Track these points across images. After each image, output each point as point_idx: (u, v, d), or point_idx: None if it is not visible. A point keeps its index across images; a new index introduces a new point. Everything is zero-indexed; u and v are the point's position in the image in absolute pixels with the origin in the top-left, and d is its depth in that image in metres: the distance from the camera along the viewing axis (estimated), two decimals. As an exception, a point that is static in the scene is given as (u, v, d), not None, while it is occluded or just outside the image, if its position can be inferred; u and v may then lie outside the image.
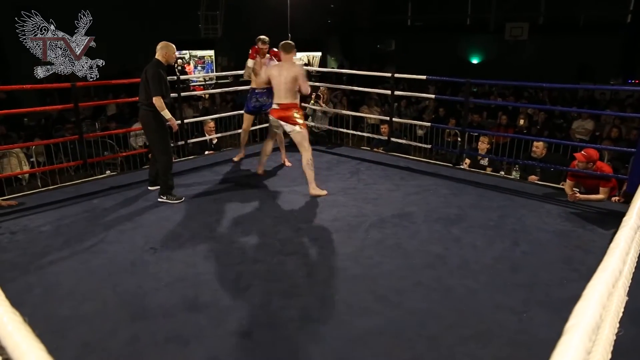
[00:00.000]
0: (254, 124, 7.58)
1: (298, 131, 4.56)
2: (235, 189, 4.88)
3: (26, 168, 6.72)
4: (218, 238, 3.73)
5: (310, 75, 10.29)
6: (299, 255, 3.45)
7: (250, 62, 5.40)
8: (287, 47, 4.63)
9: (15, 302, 0.99)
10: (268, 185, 4.99)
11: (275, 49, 5.27)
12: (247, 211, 4.28)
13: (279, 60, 4.99)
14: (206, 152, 6.53)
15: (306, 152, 4.58)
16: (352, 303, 2.85)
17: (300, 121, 4.59)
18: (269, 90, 5.18)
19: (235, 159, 5.87)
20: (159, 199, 4.47)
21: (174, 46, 4.46)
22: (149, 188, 4.82)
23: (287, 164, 5.74)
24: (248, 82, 5.68)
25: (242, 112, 7.38)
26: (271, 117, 4.73)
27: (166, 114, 4.31)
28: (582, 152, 4.48)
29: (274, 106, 4.64)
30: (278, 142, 5.66)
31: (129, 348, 2.44)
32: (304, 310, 2.77)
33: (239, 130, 7.12)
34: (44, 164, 6.87)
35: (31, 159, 6.98)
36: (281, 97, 4.57)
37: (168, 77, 4.46)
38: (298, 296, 2.92)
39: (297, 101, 4.72)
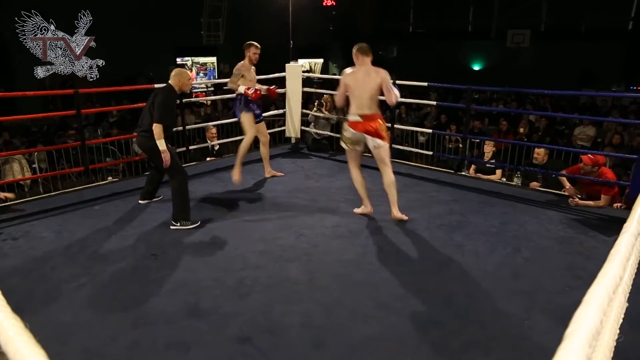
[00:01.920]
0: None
1: (384, 146, 4.00)
2: (236, 196, 4.88)
3: (28, 174, 6.74)
4: (219, 244, 3.73)
5: (312, 82, 10.34)
6: (300, 262, 3.44)
7: (242, 89, 4.96)
8: (366, 50, 3.99)
9: (17, 308, 0.99)
10: (270, 192, 4.99)
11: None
12: (249, 217, 4.28)
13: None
14: (208, 159, 6.54)
15: (390, 170, 4.06)
16: (353, 309, 2.84)
17: (386, 134, 4.00)
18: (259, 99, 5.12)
19: (236, 177, 5.10)
20: (173, 227, 3.99)
21: (189, 73, 4.14)
22: (140, 202, 4.56)
23: (279, 174, 5.50)
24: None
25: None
26: (352, 132, 3.97)
27: (161, 144, 3.91)
28: (589, 155, 4.49)
29: (355, 118, 3.92)
30: (264, 153, 5.41)
31: (129, 354, 2.43)
32: (305, 316, 2.77)
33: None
34: (46, 170, 6.89)
35: (33, 165, 7.01)
36: (364, 107, 3.89)
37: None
38: (299, 302, 2.91)
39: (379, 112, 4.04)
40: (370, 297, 2.97)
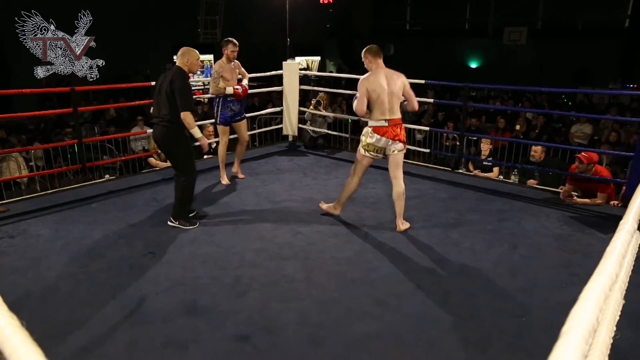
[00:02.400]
0: (252, 129, 7.61)
1: (403, 151, 3.90)
2: (234, 194, 4.88)
3: (25, 172, 6.72)
4: (217, 242, 3.72)
5: (309, 80, 10.33)
6: (297, 260, 3.45)
7: (230, 90, 4.89)
8: (378, 52, 3.86)
9: (14, 306, 0.99)
10: (267, 190, 4.99)
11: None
12: (246, 216, 4.28)
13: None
14: (205, 157, 6.53)
15: (402, 177, 3.92)
16: (350, 307, 2.85)
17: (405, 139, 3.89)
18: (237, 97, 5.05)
19: (224, 181, 5.19)
20: (170, 223, 3.95)
21: (197, 52, 3.87)
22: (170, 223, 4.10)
23: (241, 175, 5.38)
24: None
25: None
26: (378, 137, 3.77)
27: (196, 132, 3.79)
28: (584, 153, 4.51)
29: (381, 123, 3.75)
30: (239, 151, 5.36)
31: (127, 352, 2.43)
32: (302, 314, 2.77)
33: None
34: (43, 168, 6.87)
35: (30, 163, 6.98)
36: (390, 111, 3.74)
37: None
38: (296, 300, 2.92)
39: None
40: (367, 295, 2.98)
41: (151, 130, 6.41)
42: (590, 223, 4.19)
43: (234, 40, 4.99)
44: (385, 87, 3.73)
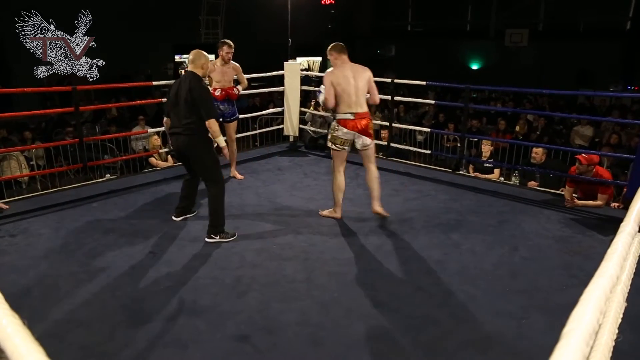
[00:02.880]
0: (253, 129, 7.61)
1: (373, 144, 4.00)
2: (234, 194, 4.88)
3: (26, 171, 6.73)
4: (217, 242, 3.72)
5: (310, 80, 10.32)
6: (297, 260, 3.45)
7: (218, 92, 4.90)
8: (344, 48, 3.95)
9: (14, 305, 0.99)
10: (268, 190, 4.99)
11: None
12: (246, 215, 4.28)
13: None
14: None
15: (375, 166, 4.09)
16: (350, 308, 2.85)
17: (372, 132, 4.00)
18: (229, 98, 5.07)
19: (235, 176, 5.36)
20: (208, 240, 3.70)
21: (206, 55, 3.84)
22: (175, 219, 4.11)
23: (239, 177, 5.36)
24: (248, 87, 5.63)
25: (244, 116, 7.41)
26: (345, 130, 3.86)
27: (221, 141, 3.67)
28: (583, 154, 4.50)
29: (346, 116, 3.83)
30: (231, 152, 5.21)
31: (127, 352, 2.43)
32: (302, 314, 2.77)
33: (240, 135, 7.13)
34: (44, 167, 6.88)
35: (31, 162, 6.99)
36: (357, 105, 3.83)
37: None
38: (297, 300, 2.92)
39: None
40: (367, 296, 2.97)
41: (152, 130, 6.45)
42: (591, 225, 4.18)
43: (230, 42, 4.96)
44: (352, 81, 3.81)
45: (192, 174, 4.02)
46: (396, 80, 6.19)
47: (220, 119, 5.10)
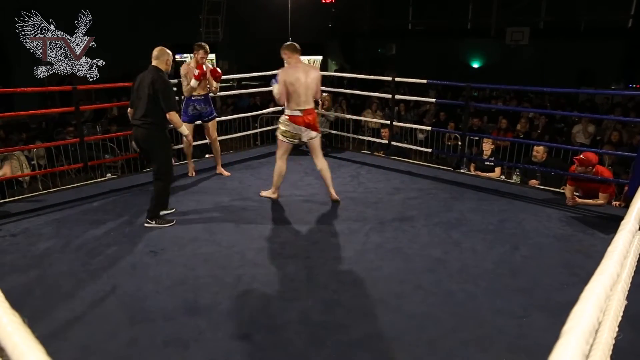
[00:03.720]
0: (253, 127, 7.61)
1: (318, 137, 4.36)
2: (235, 193, 4.88)
3: (27, 171, 6.73)
4: (218, 241, 3.73)
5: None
6: (298, 259, 3.45)
7: (194, 83, 4.89)
8: (294, 48, 4.25)
9: (15, 304, 0.99)
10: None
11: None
12: (247, 214, 4.28)
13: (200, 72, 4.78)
14: (206, 155, 6.53)
15: (322, 156, 4.44)
16: (351, 307, 2.85)
17: (318, 126, 4.40)
18: (206, 97, 5.09)
19: (190, 174, 5.39)
20: (146, 225, 3.94)
21: (170, 52, 3.99)
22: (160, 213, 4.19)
23: (226, 174, 5.41)
24: (248, 86, 5.64)
25: (243, 115, 7.42)
26: (293, 126, 4.23)
27: (184, 129, 3.92)
28: (581, 155, 4.49)
29: (295, 113, 4.19)
30: (214, 150, 5.39)
31: (128, 351, 2.44)
32: (303, 313, 2.77)
33: (240, 134, 7.14)
34: (45, 166, 6.88)
35: (32, 162, 6.99)
36: (304, 102, 4.18)
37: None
38: (298, 299, 2.92)
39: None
40: (367, 295, 2.98)
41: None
42: (592, 223, 4.18)
43: (207, 47, 5.00)
44: (302, 81, 4.14)
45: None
46: (397, 79, 6.19)
47: (199, 121, 5.19)
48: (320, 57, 18.54)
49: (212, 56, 16.49)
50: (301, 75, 4.14)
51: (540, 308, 2.83)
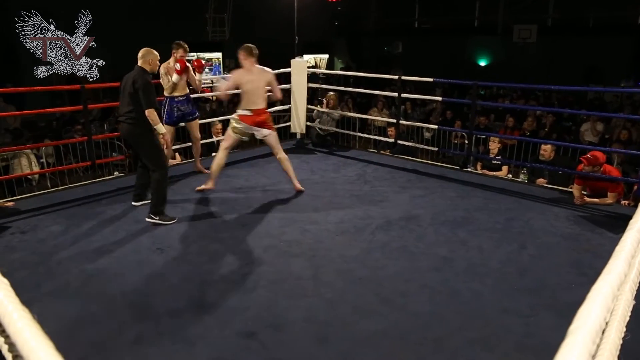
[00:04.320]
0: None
1: (272, 134, 4.58)
2: (242, 191, 4.89)
3: (36, 169, 6.78)
4: (224, 239, 3.74)
5: (317, 78, 10.31)
6: (304, 257, 3.45)
7: (176, 78, 4.93)
8: (251, 51, 4.41)
9: (24, 301, 1.00)
10: (275, 188, 5.00)
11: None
12: (254, 213, 4.29)
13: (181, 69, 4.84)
14: (213, 154, 6.55)
15: (281, 151, 4.69)
16: (357, 305, 2.85)
17: (272, 124, 4.61)
18: (187, 97, 5.10)
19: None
20: (148, 220, 3.98)
21: (156, 53, 4.11)
22: (134, 204, 4.37)
23: (205, 171, 5.34)
24: None
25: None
26: (242, 124, 4.47)
27: (160, 128, 3.98)
28: (588, 154, 4.46)
29: (245, 112, 4.43)
30: (195, 149, 5.42)
31: (135, 348, 2.46)
32: (309, 311, 2.78)
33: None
34: (54, 164, 6.93)
35: (41, 160, 7.04)
36: (254, 102, 4.41)
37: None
38: (303, 297, 2.92)
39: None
40: (373, 293, 2.98)
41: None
42: (601, 223, 4.15)
43: (186, 46, 5.02)
44: (254, 83, 4.37)
45: (143, 163, 4.24)
46: (403, 77, 6.18)
47: (183, 123, 5.23)
48: (327, 56, 18.54)
49: (218, 55, 16.54)
50: (252, 77, 4.38)
51: (548, 307, 2.82)
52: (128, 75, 4.00)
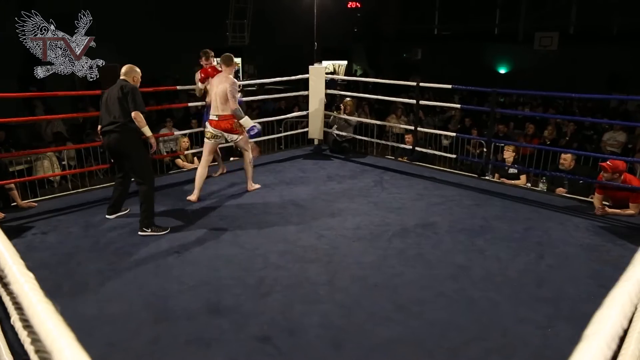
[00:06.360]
0: (277, 131, 7.67)
1: (240, 138, 4.74)
2: (258, 195, 4.93)
3: (58, 171, 6.95)
4: (241, 243, 3.77)
5: (335, 84, 10.33)
6: (320, 263, 3.46)
7: (200, 85, 5.36)
8: (226, 60, 4.66)
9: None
10: (291, 193, 5.02)
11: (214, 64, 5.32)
12: (270, 218, 4.32)
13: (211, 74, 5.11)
14: (232, 158, 6.62)
15: (248, 153, 4.89)
16: (373, 311, 2.84)
17: (240, 129, 4.71)
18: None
19: (215, 174, 5.57)
20: (141, 233, 3.88)
21: (139, 70, 4.09)
22: (108, 217, 4.26)
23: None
24: (273, 90, 5.71)
25: (269, 119, 7.48)
26: (211, 129, 4.68)
27: (147, 130, 3.94)
28: (608, 161, 4.38)
29: (213, 117, 4.65)
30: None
31: (151, 348, 2.49)
32: (324, 317, 2.78)
33: (265, 137, 7.19)
34: (75, 167, 7.08)
35: (63, 162, 7.21)
36: (219, 108, 4.59)
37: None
38: (319, 303, 2.93)
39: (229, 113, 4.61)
40: (389, 300, 2.96)
41: (179, 132, 6.57)
42: (622, 234, 4.06)
43: (208, 53, 5.39)
44: (214, 89, 4.59)
45: (124, 174, 4.25)
46: (421, 84, 6.16)
47: None
48: (345, 62, 18.57)
49: (238, 60, 16.71)
50: (215, 84, 4.61)
51: (566, 319, 2.77)
52: (110, 88, 3.99)
